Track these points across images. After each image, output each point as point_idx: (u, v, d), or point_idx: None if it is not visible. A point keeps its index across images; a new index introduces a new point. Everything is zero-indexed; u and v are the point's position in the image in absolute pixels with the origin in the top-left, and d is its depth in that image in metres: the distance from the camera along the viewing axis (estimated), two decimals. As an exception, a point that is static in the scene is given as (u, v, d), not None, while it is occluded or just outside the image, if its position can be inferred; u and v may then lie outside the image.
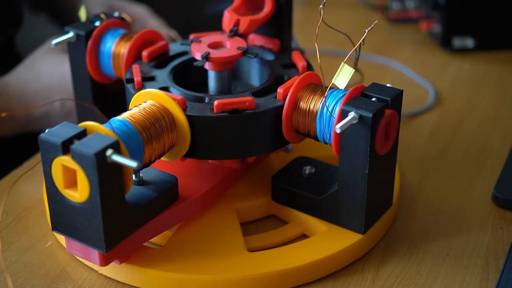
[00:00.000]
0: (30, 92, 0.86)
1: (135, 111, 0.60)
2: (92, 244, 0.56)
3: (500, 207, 0.71)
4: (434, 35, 1.05)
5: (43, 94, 0.86)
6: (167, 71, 0.68)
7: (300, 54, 0.70)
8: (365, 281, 0.62)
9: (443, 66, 1.00)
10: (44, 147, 0.54)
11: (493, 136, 0.84)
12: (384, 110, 0.59)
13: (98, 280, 0.62)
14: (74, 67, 0.74)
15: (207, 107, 0.62)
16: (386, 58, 1.01)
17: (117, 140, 0.53)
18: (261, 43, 0.73)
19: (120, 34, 0.72)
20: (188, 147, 0.62)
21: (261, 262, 0.60)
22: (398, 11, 1.14)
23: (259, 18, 0.70)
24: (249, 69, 0.72)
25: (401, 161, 0.77)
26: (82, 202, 0.54)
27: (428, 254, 0.64)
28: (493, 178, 0.74)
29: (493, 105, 0.91)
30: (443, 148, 0.81)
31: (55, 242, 0.66)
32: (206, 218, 0.65)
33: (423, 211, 0.70)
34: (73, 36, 0.71)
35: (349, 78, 0.59)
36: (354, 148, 0.59)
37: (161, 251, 0.61)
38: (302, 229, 0.66)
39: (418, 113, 0.88)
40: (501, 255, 0.64)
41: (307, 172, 0.67)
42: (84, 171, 0.52)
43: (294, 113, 0.63)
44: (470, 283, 0.61)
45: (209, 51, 0.66)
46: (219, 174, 0.67)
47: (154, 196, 0.60)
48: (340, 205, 0.63)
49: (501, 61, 1.01)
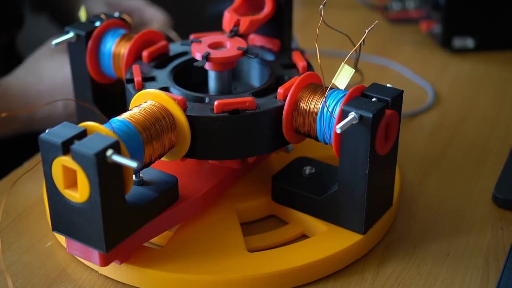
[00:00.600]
0: (32, 94, 0.86)
1: (135, 111, 0.60)
2: (92, 244, 0.56)
3: (500, 208, 0.71)
4: (434, 35, 1.05)
5: (46, 96, 0.86)
6: (167, 71, 0.68)
7: (300, 54, 0.70)
8: (365, 281, 0.62)
9: (443, 66, 1.00)
10: (44, 147, 0.54)
11: (493, 136, 0.84)
12: (385, 110, 0.59)
13: (98, 280, 0.62)
14: (74, 68, 0.74)
15: (207, 107, 0.62)
16: (386, 58, 1.01)
17: (117, 140, 0.53)
18: (261, 43, 0.73)
19: (120, 34, 0.72)
20: (188, 147, 0.62)
21: (261, 262, 0.60)
22: (398, 11, 1.14)
23: (259, 18, 0.70)
24: (249, 69, 0.72)
25: (401, 161, 0.77)
26: (82, 202, 0.54)
27: (428, 255, 0.64)
28: (493, 178, 0.74)
29: (493, 105, 0.91)
30: (443, 148, 0.81)
31: (55, 242, 0.66)
32: (206, 218, 0.65)
33: (423, 211, 0.70)
34: (73, 36, 0.71)
35: (349, 78, 0.60)
36: (354, 149, 0.59)
37: (161, 252, 0.61)
38: (302, 229, 0.66)
39: (418, 113, 0.88)
40: (501, 255, 0.64)
41: (307, 173, 0.67)
42: (84, 171, 0.52)
43: (294, 113, 0.63)
44: (470, 284, 0.61)
45: (209, 51, 0.66)
46: (219, 174, 0.67)
47: (154, 196, 0.60)
48: (340, 205, 0.63)
49: (501, 61, 1.01)
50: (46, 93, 0.86)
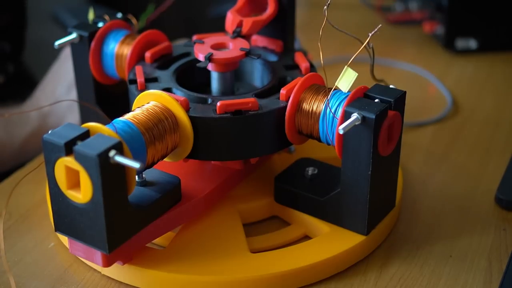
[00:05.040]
0: (51, 118, 0.87)
1: (138, 112, 0.60)
2: (95, 245, 0.56)
3: (503, 209, 0.71)
4: (437, 36, 1.05)
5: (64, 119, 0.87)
6: (170, 72, 0.68)
7: (303, 55, 0.70)
8: (368, 282, 0.62)
9: (446, 67, 1.00)
10: (47, 148, 0.54)
11: (496, 137, 0.83)
12: (387, 111, 0.59)
13: (101, 281, 0.62)
14: (77, 69, 0.74)
15: (210, 108, 0.62)
16: (389, 59, 1.01)
17: (120, 141, 0.53)
18: (264, 44, 0.73)
19: (123, 35, 0.72)
20: (191, 148, 0.62)
21: (264, 263, 0.60)
22: (401, 12, 1.14)
23: (262, 19, 0.70)
24: (252, 70, 0.72)
25: (404, 162, 0.77)
26: (85, 203, 0.54)
27: (431, 256, 0.64)
28: (496, 179, 0.74)
29: (496, 106, 0.91)
30: (446, 149, 0.81)
31: (58, 243, 0.66)
32: (208, 219, 0.65)
33: (426, 212, 0.70)
34: (76, 37, 0.71)
35: (352, 81, 0.59)
36: (357, 150, 0.59)
37: (163, 252, 0.61)
38: (304, 230, 0.66)
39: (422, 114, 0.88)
40: (504, 256, 0.64)
41: (310, 173, 0.67)
42: (87, 172, 0.53)
43: (297, 114, 0.63)
44: (473, 285, 0.61)
45: (212, 52, 0.66)
46: (222, 175, 0.67)
47: (156, 197, 0.60)
48: (343, 206, 0.62)
49: (504, 62, 1.01)
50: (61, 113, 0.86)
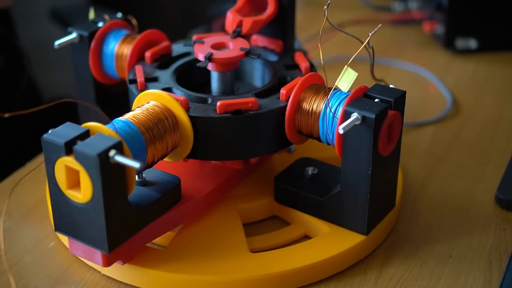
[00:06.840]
0: None
1: (138, 112, 0.60)
2: (95, 244, 0.56)
3: (503, 208, 0.71)
4: (437, 36, 1.05)
5: None
6: (170, 72, 0.68)
7: (303, 55, 0.70)
8: (368, 282, 0.62)
9: (446, 67, 1.00)
10: (47, 147, 0.54)
11: (496, 137, 0.83)
12: (387, 111, 0.59)
13: (101, 280, 0.62)
14: (77, 68, 0.74)
15: (210, 108, 0.62)
16: (389, 59, 1.01)
17: (120, 141, 0.53)
18: (264, 44, 0.73)
19: (123, 35, 0.72)
20: (191, 148, 0.62)
21: (264, 263, 0.60)
22: (401, 12, 1.14)
23: (262, 19, 0.70)
24: (252, 70, 0.72)
25: (404, 162, 0.77)
26: (85, 203, 0.54)
27: (431, 256, 0.64)
28: (496, 179, 0.74)
29: (496, 106, 0.90)
30: (446, 149, 0.81)
31: (58, 243, 0.66)
32: (208, 219, 0.65)
33: (426, 212, 0.70)
34: (76, 37, 0.71)
35: (352, 81, 0.59)
36: (357, 149, 0.59)
37: (163, 252, 0.61)
38: (304, 230, 0.66)
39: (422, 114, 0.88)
40: (504, 256, 0.64)
41: (310, 173, 0.67)
42: (87, 171, 0.53)
43: (297, 114, 0.63)
44: (473, 285, 0.61)
45: (212, 52, 0.66)
46: (222, 175, 0.67)
47: (157, 197, 0.60)
48: (343, 206, 0.63)
49: (504, 62, 1.01)
50: None
